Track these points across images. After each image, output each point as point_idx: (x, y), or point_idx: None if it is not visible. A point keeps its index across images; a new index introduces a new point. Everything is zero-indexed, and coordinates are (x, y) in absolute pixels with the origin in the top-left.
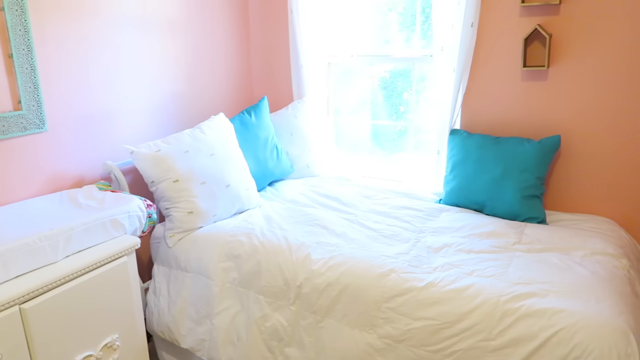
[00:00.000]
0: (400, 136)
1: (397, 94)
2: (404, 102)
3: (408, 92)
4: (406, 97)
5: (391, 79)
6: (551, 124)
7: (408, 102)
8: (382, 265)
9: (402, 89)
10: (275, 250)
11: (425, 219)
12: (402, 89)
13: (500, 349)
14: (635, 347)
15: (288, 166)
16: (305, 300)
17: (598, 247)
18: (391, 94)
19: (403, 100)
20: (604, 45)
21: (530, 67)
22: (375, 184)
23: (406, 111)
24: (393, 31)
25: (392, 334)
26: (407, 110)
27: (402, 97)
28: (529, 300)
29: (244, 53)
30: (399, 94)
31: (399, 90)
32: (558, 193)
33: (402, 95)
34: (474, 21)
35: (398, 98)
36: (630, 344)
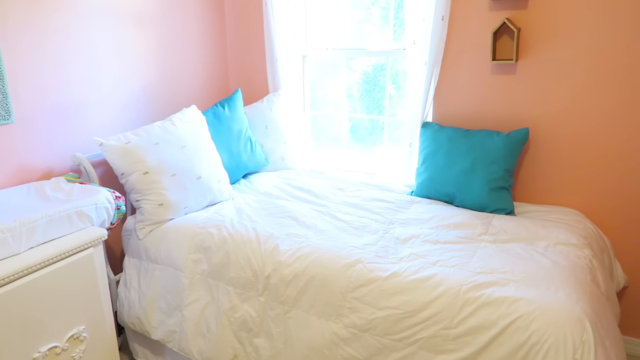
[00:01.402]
0: (375, 130)
1: (372, 87)
2: (380, 96)
3: (383, 86)
4: (381, 91)
5: (366, 73)
6: (520, 117)
7: (383, 96)
8: (348, 256)
9: (377, 82)
10: (244, 241)
11: (395, 210)
12: (377, 83)
13: (461, 337)
14: (591, 334)
15: (262, 159)
16: (273, 291)
17: (562, 238)
18: (366, 87)
19: (378, 94)
20: (571, 39)
21: (499, 61)
22: (349, 177)
23: (382, 105)
24: (367, 24)
25: (358, 324)
26: (383, 104)
27: (378, 91)
28: (489, 290)
29: (220, 45)
30: (375, 87)
31: (374, 84)
32: (526, 185)
33: (378, 89)
34: (445, 15)
35: (373, 92)
36: (586, 330)
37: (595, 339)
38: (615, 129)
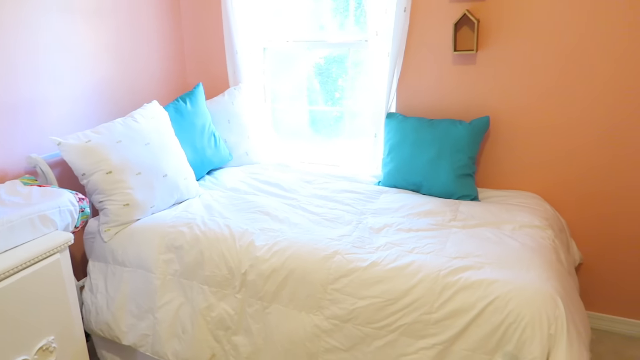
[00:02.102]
0: (337, 121)
1: (332, 79)
2: (340, 88)
3: (343, 78)
4: (342, 83)
5: (327, 65)
6: (481, 105)
7: (344, 87)
8: (326, 248)
9: (337, 74)
10: (217, 239)
11: (365, 201)
12: (337, 75)
13: (442, 321)
14: (563, 310)
15: (227, 154)
16: (251, 287)
17: (526, 220)
18: (327, 79)
19: (339, 86)
20: (528, 30)
21: (460, 51)
22: (315, 169)
23: (342, 96)
24: (328, 16)
25: (339, 314)
26: (343, 95)
27: (338, 83)
28: (466, 273)
29: (176, 38)
30: (335, 79)
31: (334, 76)
32: (488, 171)
33: (338, 80)
34: (407, 6)
35: (334, 84)
36: (558, 307)
37: (567, 314)
38: (569, 116)
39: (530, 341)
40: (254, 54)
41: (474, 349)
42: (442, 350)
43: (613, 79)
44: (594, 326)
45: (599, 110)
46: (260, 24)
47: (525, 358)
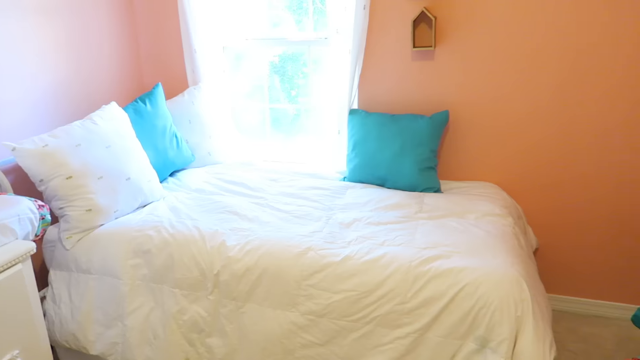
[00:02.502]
0: (298, 119)
1: (292, 77)
2: (300, 85)
3: (303, 75)
4: (302, 80)
5: (285, 63)
6: (440, 100)
7: (304, 84)
8: (298, 244)
9: (293, 72)
10: (187, 241)
11: (332, 197)
12: (294, 73)
13: (415, 310)
14: (528, 292)
15: (189, 155)
16: (224, 288)
17: (487, 209)
18: (287, 77)
19: (298, 84)
20: (483, 26)
21: (419, 48)
22: (279, 167)
23: (302, 94)
24: (287, 14)
25: (315, 310)
26: (304, 92)
27: (295, 81)
28: (436, 262)
29: (131, 38)
30: (291, 77)
31: (290, 74)
32: (449, 163)
33: (298, 78)
34: (366, 4)
35: (290, 82)
36: (523, 290)
37: (531, 296)
38: (524, 110)
39: (499, 324)
40: (213, 52)
41: (447, 334)
42: (416, 338)
43: (568, 75)
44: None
45: (554, 105)
46: (218, 22)
47: (495, 340)
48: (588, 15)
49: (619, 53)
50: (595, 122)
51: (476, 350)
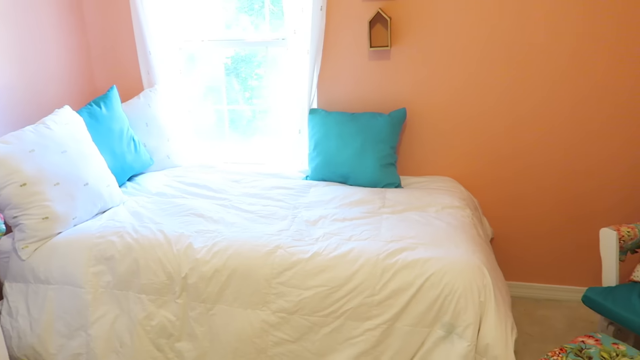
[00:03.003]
0: (257, 119)
1: (246, 79)
2: (254, 87)
3: (257, 76)
4: (256, 81)
5: (238, 64)
6: (397, 98)
7: (259, 85)
8: (267, 243)
9: (247, 74)
10: (152, 245)
11: (297, 195)
12: (248, 74)
13: (384, 301)
14: (489, 279)
15: (147, 158)
16: (193, 291)
17: (446, 202)
18: (241, 79)
19: (252, 85)
20: (436, 26)
21: (375, 48)
22: (241, 169)
23: (256, 95)
24: (243, 15)
25: (285, 307)
26: (259, 94)
27: (252, 82)
28: (402, 255)
29: (79, 39)
30: (248, 79)
31: (244, 76)
32: (408, 159)
33: (252, 79)
34: (323, 5)
35: (247, 83)
36: (485, 276)
37: (493, 282)
38: (475, 106)
39: (464, 310)
40: (169, 54)
41: (415, 323)
42: (386, 329)
43: (515, 73)
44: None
45: (503, 102)
46: (173, 23)
47: (461, 326)
48: (532, 15)
49: (563, 52)
50: (541, 118)
51: (443, 336)
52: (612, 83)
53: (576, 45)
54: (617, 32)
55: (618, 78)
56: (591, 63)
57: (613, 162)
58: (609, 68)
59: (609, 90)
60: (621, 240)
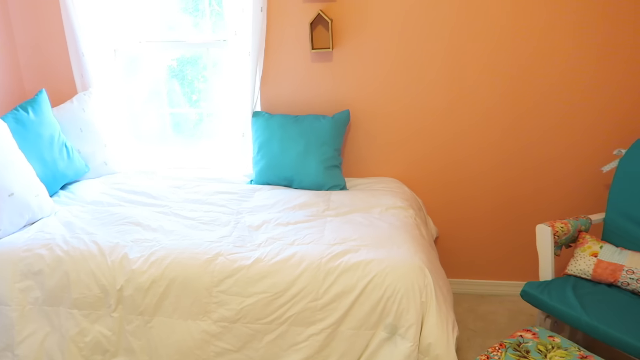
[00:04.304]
0: (201, 123)
1: (192, 81)
2: (197, 89)
3: (200, 79)
4: (199, 84)
5: (184, 66)
6: (340, 100)
7: (205, 88)
8: (207, 251)
9: (193, 75)
10: (84, 257)
11: (240, 200)
12: (193, 76)
13: (328, 305)
14: (430, 278)
15: (82, 165)
16: (129, 304)
17: (390, 203)
18: (187, 81)
19: (195, 87)
20: (374, 27)
21: (318, 49)
22: (183, 174)
23: (203, 98)
24: (182, 16)
25: (227, 316)
26: (202, 96)
27: (195, 84)
28: (345, 257)
29: (5, 41)
30: (191, 81)
31: (190, 78)
32: (352, 161)
33: (199, 82)
34: (263, 6)
35: (190, 85)
36: (426, 276)
37: (434, 282)
38: (416, 108)
39: (406, 311)
40: (104, 56)
41: (359, 326)
42: (330, 333)
43: (455, 75)
44: (451, 290)
45: (443, 104)
46: (108, 24)
47: (404, 326)
48: (478, 18)
49: (507, 57)
50: (485, 120)
51: (387, 338)
52: (555, 91)
53: (522, 49)
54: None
55: (561, 85)
56: (536, 70)
57: (550, 166)
58: (552, 76)
59: (552, 98)
60: (556, 235)
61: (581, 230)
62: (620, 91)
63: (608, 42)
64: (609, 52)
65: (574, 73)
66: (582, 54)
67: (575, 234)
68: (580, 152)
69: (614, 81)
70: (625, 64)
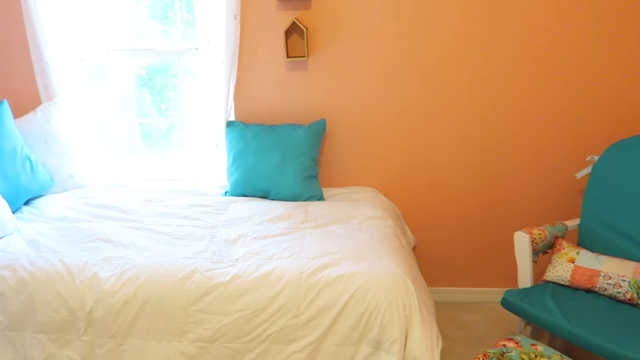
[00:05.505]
0: (171, 134)
1: (162, 90)
2: (167, 98)
3: (174, 87)
4: (173, 93)
5: (153, 75)
6: (316, 109)
7: (175, 97)
8: (182, 268)
9: (162, 84)
10: (51, 278)
11: (215, 213)
12: (162, 85)
13: (310, 321)
14: (413, 290)
15: (47, 179)
16: (100, 326)
17: (369, 213)
18: (157, 90)
19: (165, 96)
20: (350, 36)
21: (293, 58)
22: (154, 187)
23: (173, 107)
24: (151, 24)
25: (205, 336)
26: (175, 105)
27: (165, 93)
28: (326, 271)
29: None
30: (160, 90)
31: (159, 87)
32: (329, 171)
33: (168, 90)
34: (237, 14)
35: (160, 94)
36: (409, 288)
37: (417, 294)
38: (392, 116)
39: (390, 324)
40: (70, 64)
41: (342, 342)
42: (312, 351)
43: (429, 83)
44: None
45: (418, 112)
46: (74, 31)
47: (388, 341)
48: (447, 22)
49: (477, 60)
50: (458, 125)
51: (370, 353)
52: (526, 93)
53: (491, 53)
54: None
55: (531, 88)
56: (506, 72)
57: (525, 174)
58: (522, 78)
59: (523, 101)
60: (534, 242)
61: (558, 237)
62: (593, 98)
63: (582, 48)
64: (583, 58)
65: (549, 81)
66: (557, 60)
67: (552, 241)
68: (554, 159)
69: (587, 88)
70: (599, 70)
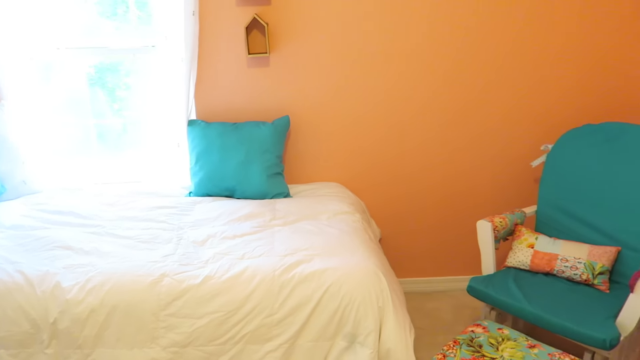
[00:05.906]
0: (126, 134)
1: (113, 89)
2: (123, 97)
3: (126, 86)
4: (125, 92)
5: (103, 74)
6: (280, 105)
7: (128, 96)
8: (151, 272)
9: (114, 84)
10: (9, 289)
11: (180, 214)
12: (115, 84)
13: (284, 319)
14: (385, 282)
15: None
16: (65, 337)
17: (337, 208)
18: (108, 89)
19: (120, 96)
20: (313, 31)
21: (254, 54)
22: (114, 189)
23: (126, 106)
24: (102, 20)
25: (177, 340)
26: (128, 104)
27: (120, 92)
28: (299, 268)
29: None
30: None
31: (111, 87)
32: (295, 167)
33: (120, 90)
34: (195, 10)
35: (115, 94)
36: (381, 280)
37: (389, 285)
38: (355, 111)
39: (364, 318)
40: (18, 64)
41: (317, 338)
42: (288, 348)
43: (394, 79)
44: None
45: (382, 107)
46: (21, 30)
47: (363, 334)
48: (412, 19)
49: (440, 58)
50: (421, 120)
51: (346, 347)
52: (488, 96)
53: (455, 53)
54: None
55: (496, 85)
56: (471, 69)
57: (486, 163)
58: (484, 79)
59: (485, 102)
60: (495, 230)
61: (517, 224)
62: (545, 87)
63: (535, 42)
64: (535, 51)
65: (503, 75)
66: (515, 60)
67: (512, 227)
68: (511, 149)
69: (539, 78)
70: (551, 61)
